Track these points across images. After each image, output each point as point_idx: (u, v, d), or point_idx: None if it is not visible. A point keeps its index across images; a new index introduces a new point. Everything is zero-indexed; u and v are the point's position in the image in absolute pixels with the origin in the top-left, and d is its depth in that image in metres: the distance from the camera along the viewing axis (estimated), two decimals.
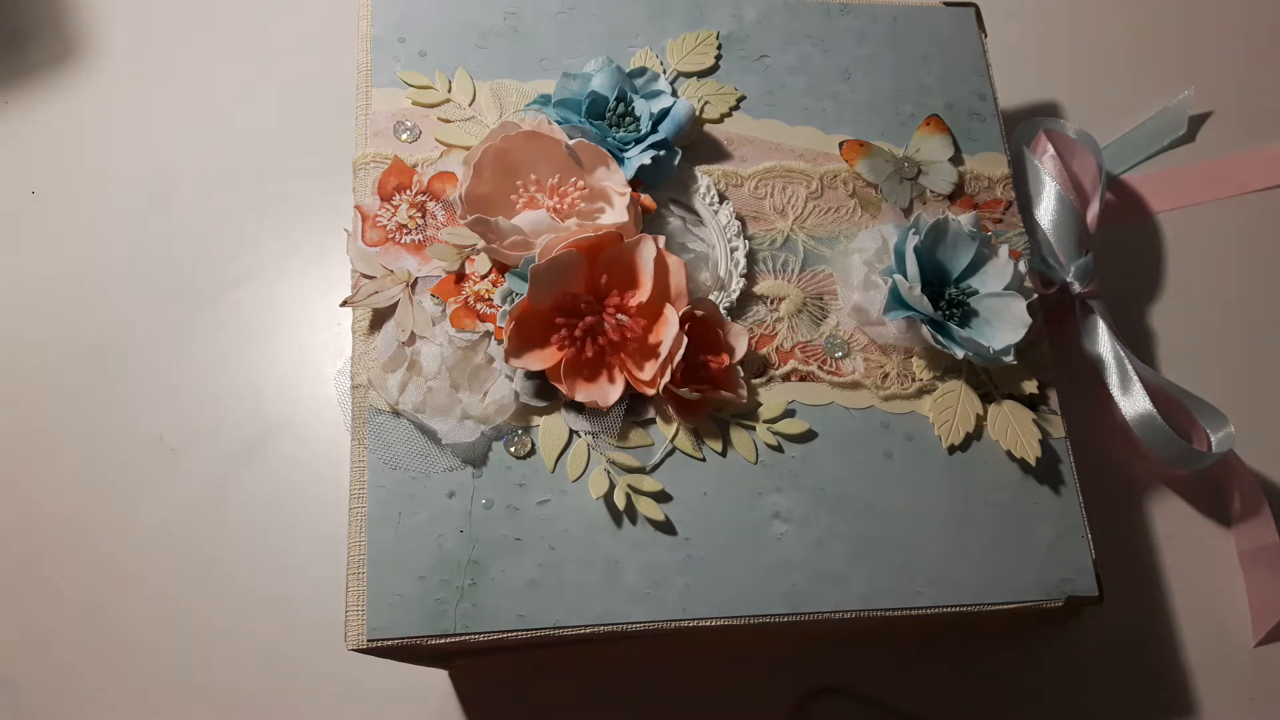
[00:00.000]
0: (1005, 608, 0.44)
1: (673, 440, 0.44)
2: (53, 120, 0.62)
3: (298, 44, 0.64)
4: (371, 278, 0.44)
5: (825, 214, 0.49)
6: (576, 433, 0.43)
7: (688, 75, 0.51)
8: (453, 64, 0.49)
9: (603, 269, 0.43)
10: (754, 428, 0.45)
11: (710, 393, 0.44)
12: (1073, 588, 0.44)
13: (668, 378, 0.42)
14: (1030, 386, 0.47)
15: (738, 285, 0.47)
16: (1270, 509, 0.54)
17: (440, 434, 0.42)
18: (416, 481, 0.42)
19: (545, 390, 0.43)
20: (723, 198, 0.48)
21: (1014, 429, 0.46)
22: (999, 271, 0.47)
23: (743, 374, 0.45)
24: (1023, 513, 0.45)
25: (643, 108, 0.48)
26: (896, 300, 0.45)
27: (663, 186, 0.48)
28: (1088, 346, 0.55)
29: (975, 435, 0.46)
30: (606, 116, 0.47)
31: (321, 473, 0.54)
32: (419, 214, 0.46)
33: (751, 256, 0.48)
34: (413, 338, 0.44)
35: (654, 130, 0.47)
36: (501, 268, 0.45)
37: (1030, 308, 0.46)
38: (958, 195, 0.51)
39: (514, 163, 0.45)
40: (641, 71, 0.49)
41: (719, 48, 0.51)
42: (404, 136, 0.47)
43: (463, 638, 0.40)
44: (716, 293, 0.47)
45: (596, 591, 0.42)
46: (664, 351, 0.42)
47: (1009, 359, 0.45)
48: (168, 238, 0.59)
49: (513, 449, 0.43)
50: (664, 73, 0.50)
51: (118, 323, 0.57)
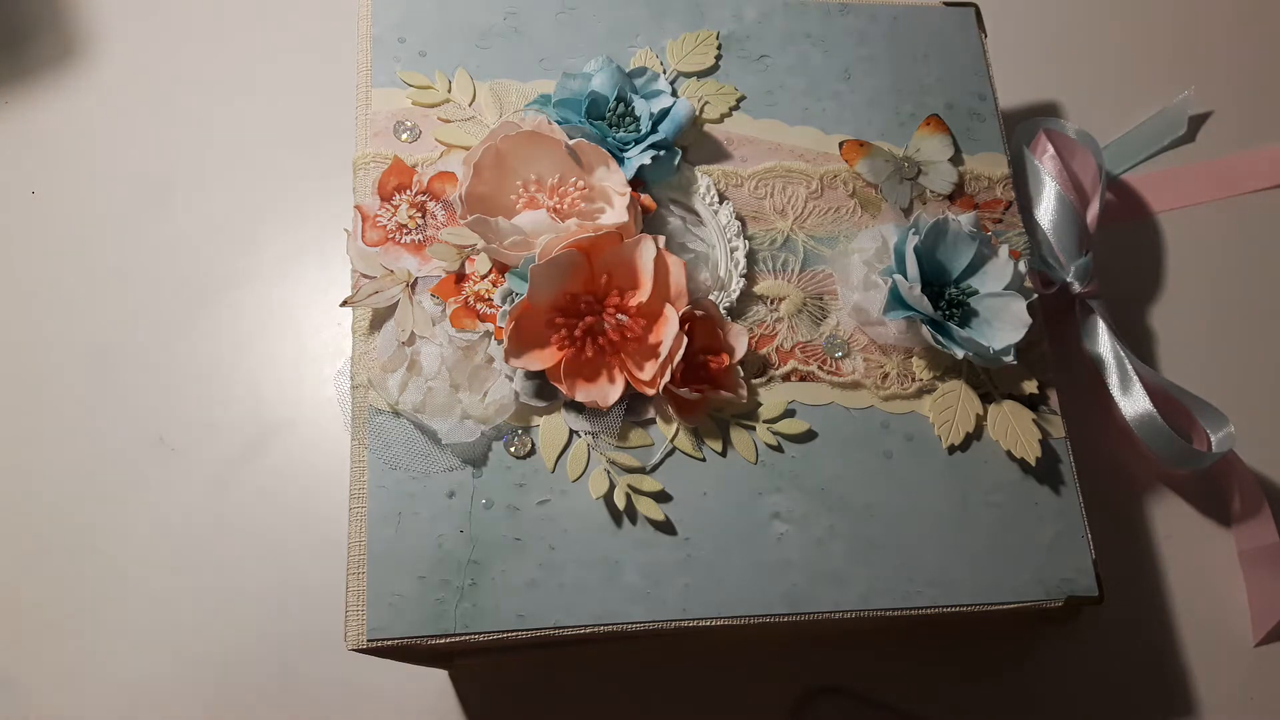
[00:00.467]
0: (1005, 608, 0.44)
1: (673, 440, 0.44)
2: (53, 120, 0.62)
3: (298, 44, 0.64)
4: (371, 278, 0.44)
5: (825, 214, 0.49)
6: (576, 433, 0.43)
7: (688, 75, 0.51)
8: (453, 64, 0.49)
9: (603, 269, 0.43)
10: (754, 428, 0.45)
11: (710, 393, 0.44)
12: (1073, 588, 0.44)
13: (668, 378, 0.42)
14: (1030, 386, 0.47)
15: (738, 285, 0.47)
16: (1270, 509, 0.54)
17: (440, 434, 0.42)
18: (416, 481, 0.42)
19: (545, 390, 0.43)
20: (723, 198, 0.48)
21: (1014, 429, 0.46)
22: (999, 271, 0.47)
23: (743, 374, 0.45)
24: (1023, 513, 0.45)
25: (643, 108, 0.48)
26: (896, 300, 0.45)
27: (663, 186, 0.48)
28: (1088, 346, 0.55)
29: (975, 435, 0.46)
30: (606, 116, 0.47)
31: (321, 473, 0.54)
32: (419, 214, 0.46)
33: (751, 256, 0.48)
34: (413, 338, 0.44)
35: (654, 130, 0.47)
36: (501, 268, 0.45)
37: (1030, 308, 0.46)
38: (958, 195, 0.51)
39: (514, 163, 0.45)
40: (641, 71, 0.49)
41: (719, 48, 0.51)
42: (404, 136, 0.47)
43: (463, 638, 0.40)
44: (716, 293, 0.47)
45: (596, 591, 0.42)
46: (664, 351, 0.42)
47: (1009, 359, 0.45)
48: (167, 238, 0.59)
49: (513, 449, 0.43)
50: (664, 73, 0.50)
51: (118, 323, 0.57)
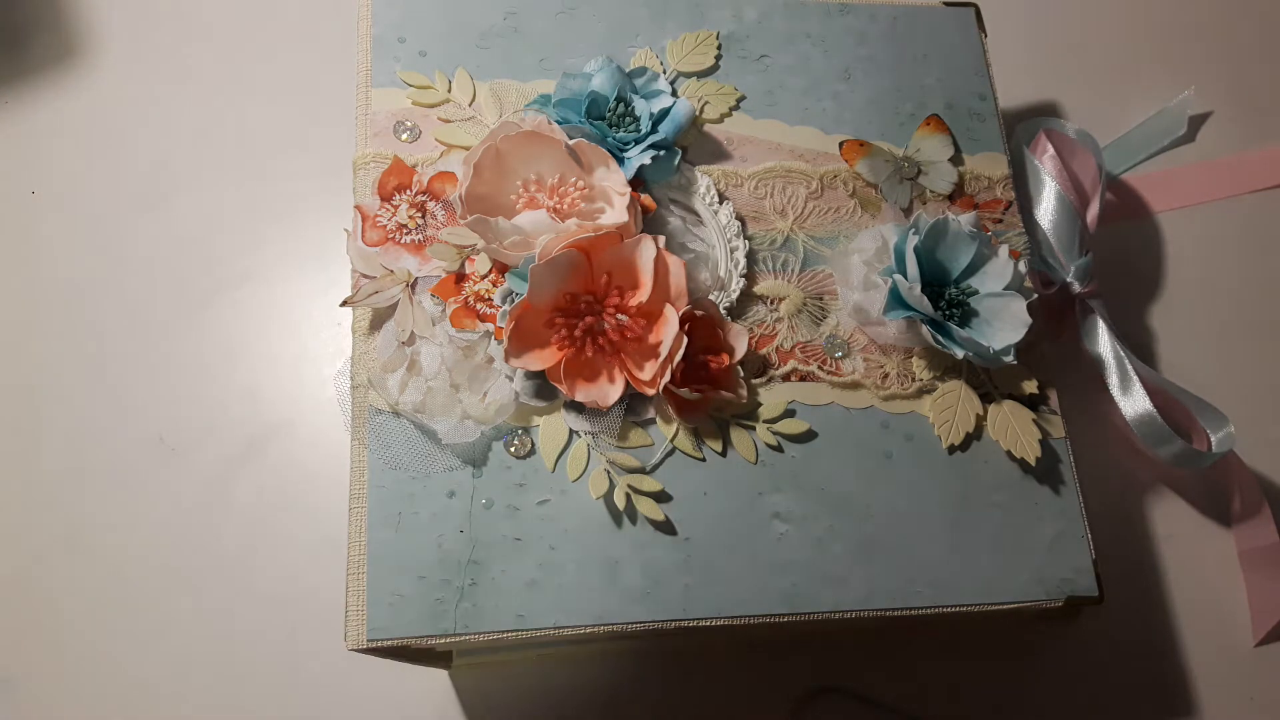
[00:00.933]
0: (1005, 608, 0.44)
1: (673, 440, 0.44)
2: (53, 120, 0.62)
3: (298, 44, 0.64)
4: (371, 278, 0.44)
5: (825, 214, 0.49)
6: (576, 433, 0.43)
7: (688, 75, 0.51)
8: (453, 64, 0.49)
9: (603, 269, 0.43)
10: (754, 428, 0.45)
11: (710, 393, 0.44)
12: (1073, 588, 0.44)
13: (668, 378, 0.42)
14: (1030, 386, 0.47)
15: (738, 285, 0.47)
16: (1270, 509, 0.54)
17: (440, 434, 0.42)
18: (416, 481, 0.42)
19: (545, 390, 0.43)
20: (723, 198, 0.48)
21: (1014, 429, 0.46)
22: (999, 271, 0.47)
23: (743, 374, 0.45)
24: (1023, 513, 0.45)
25: (643, 108, 0.48)
26: (896, 300, 0.45)
27: (663, 186, 0.48)
28: (1088, 346, 0.55)
29: (975, 435, 0.46)
30: (606, 116, 0.47)
31: (321, 473, 0.54)
32: (419, 214, 0.46)
33: (751, 256, 0.48)
34: (413, 338, 0.44)
35: (654, 130, 0.47)
36: (501, 268, 0.45)
37: (1030, 308, 0.46)
38: (958, 195, 0.51)
39: (514, 163, 0.45)
40: (641, 71, 0.49)
41: (719, 48, 0.51)
42: (404, 136, 0.47)
43: (463, 638, 0.40)
44: (716, 293, 0.47)
45: (596, 591, 0.42)
46: (664, 351, 0.42)
47: (1009, 359, 0.45)
48: (168, 238, 0.59)
49: (513, 449, 0.43)
50: (664, 73, 0.50)
51: (117, 323, 0.57)
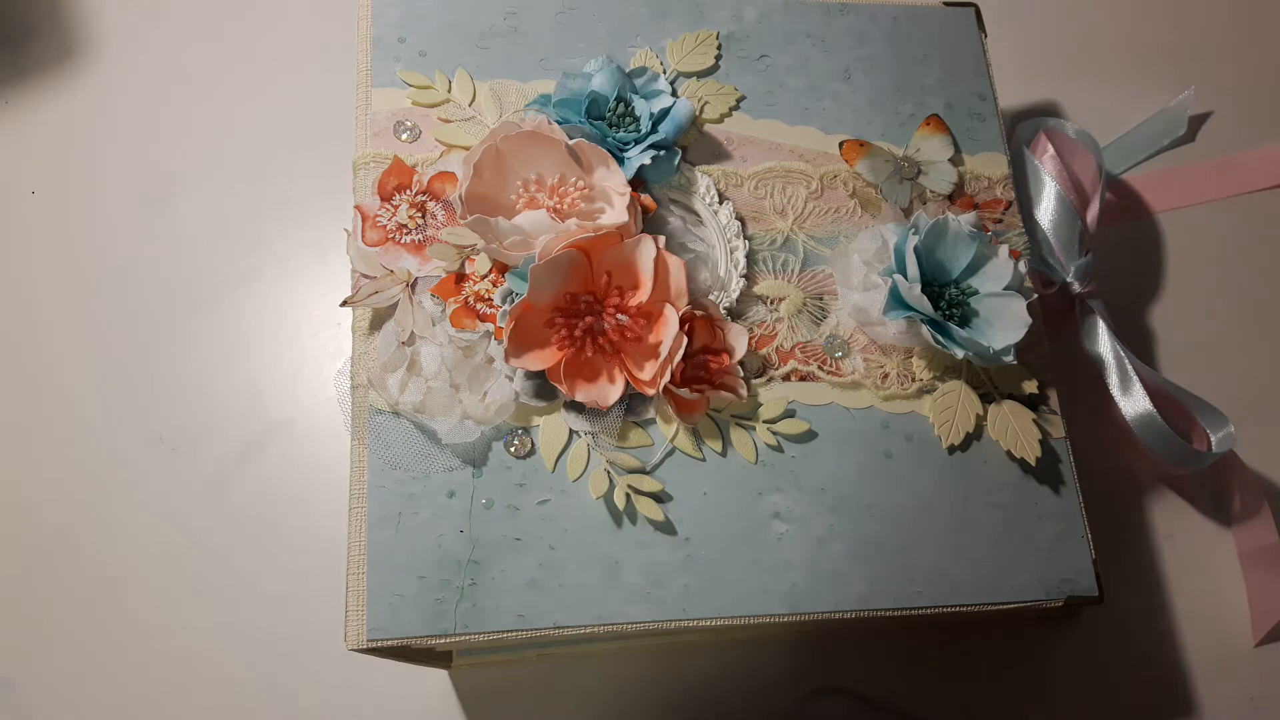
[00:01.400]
0: (1005, 608, 0.44)
1: (673, 440, 0.44)
2: (53, 120, 0.62)
3: (298, 44, 0.64)
4: (371, 278, 0.44)
5: (825, 214, 0.49)
6: (576, 433, 0.43)
7: (688, 75, 0.51)
8: (453, 64, 0.49)
9: (603, 269, 0.43)
10: (754, 428, 0.45)
11: (710, 393, 0.44)
12: (1073, 588, 0.44)
13: (668, 378, 0.42)
14: (1030, 386, 0.47)
15: (738, 285, 0.47)
16: (1270, 509, 0.54)
17: (440, 434, 0.42)
18: (416, 481, 0.42)
19: (545, 390, 0.43)
20: (723, 198, 0.48)
21: (1014, 429, 0.46)
22: (999, 271, 0.47)
23: (743, 374, 0.45)
24: (1023, 513, 0.45)
25: (643, 108, 0.48)
26: (896, 300, 0.45)
27: (663, 186, 0.48)
28: (1088, 346, 0.55)
29: (975, 435, 0.46)
30: (606, 116, 0.47)
31: (321, 473, 0.54)
32: (419, 214, 0.46)
33: (751, 256, 0.48)
34: (413, 338, 0.44)
35: (654, 130, 0.47)
36: (501, 268, 0.45)
37: (1030, 308, 0.46)
38: (958, 195, 0.50)
39: (514, 163, 0.45)
40: (641, 71, 0.49)
41: (719, 48, 0.51)
42: (404, 136, 0.47)
43: (463, 638, 0.40)
44: (716, 293, 0.47)
45: (596, 591, 0.42)
46: (664, 351, 0.42)
47: (1009, 359, 0.45)
48: (167, 238, 0.59)
49: (513, 449, 0.43)
50: (664, 73, 0.50)
51: (117, 323, 0.57)
